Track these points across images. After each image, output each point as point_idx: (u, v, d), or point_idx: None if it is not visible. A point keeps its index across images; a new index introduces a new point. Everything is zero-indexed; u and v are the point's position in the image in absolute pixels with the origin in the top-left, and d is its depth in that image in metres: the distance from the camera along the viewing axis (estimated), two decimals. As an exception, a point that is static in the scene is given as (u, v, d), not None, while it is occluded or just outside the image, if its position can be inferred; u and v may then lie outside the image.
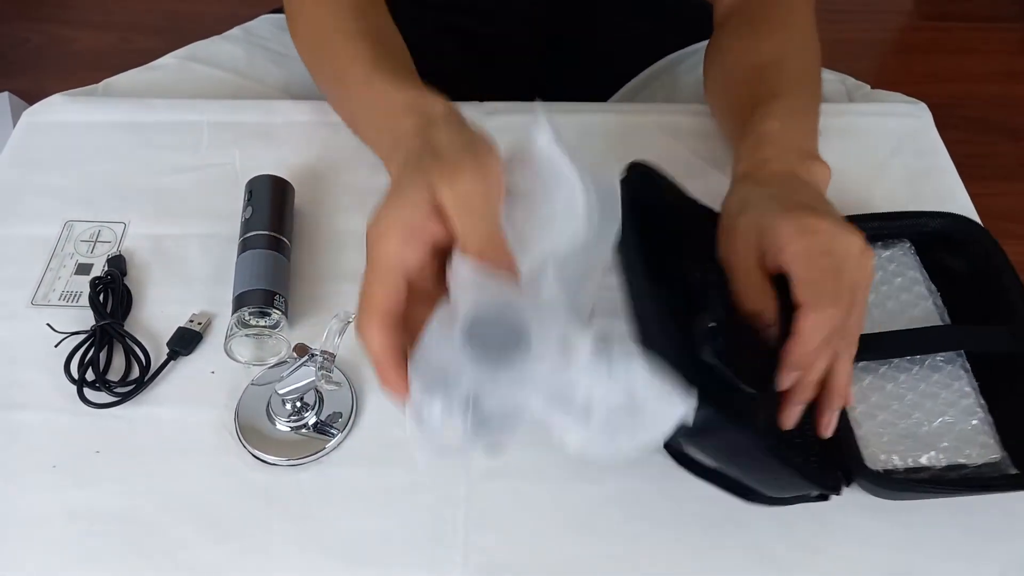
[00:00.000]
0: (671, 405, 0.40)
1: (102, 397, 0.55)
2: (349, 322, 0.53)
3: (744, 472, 0.48)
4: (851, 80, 0.81)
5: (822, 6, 0.67)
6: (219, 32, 0.85)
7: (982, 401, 0.54)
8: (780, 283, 0.49)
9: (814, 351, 0.46)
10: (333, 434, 0.54)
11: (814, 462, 0.50)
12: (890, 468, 0.51)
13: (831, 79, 0.80)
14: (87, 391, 0.55)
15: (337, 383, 0.55)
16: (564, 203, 0.44)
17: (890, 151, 0.72)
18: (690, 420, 0.40)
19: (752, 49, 0.65)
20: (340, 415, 0.55)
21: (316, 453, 0.54)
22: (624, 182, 0.52)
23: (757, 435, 0.44)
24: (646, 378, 0.40)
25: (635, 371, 0.40)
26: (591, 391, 0.39)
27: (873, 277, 0.49)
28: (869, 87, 0.80)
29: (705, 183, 0.61)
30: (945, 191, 0.69)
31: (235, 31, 0.86)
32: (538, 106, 0.44)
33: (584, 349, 0.40)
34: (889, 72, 1.86)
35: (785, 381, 0.47)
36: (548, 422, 0.40)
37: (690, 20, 0.87)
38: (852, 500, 0.50)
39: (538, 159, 0.44)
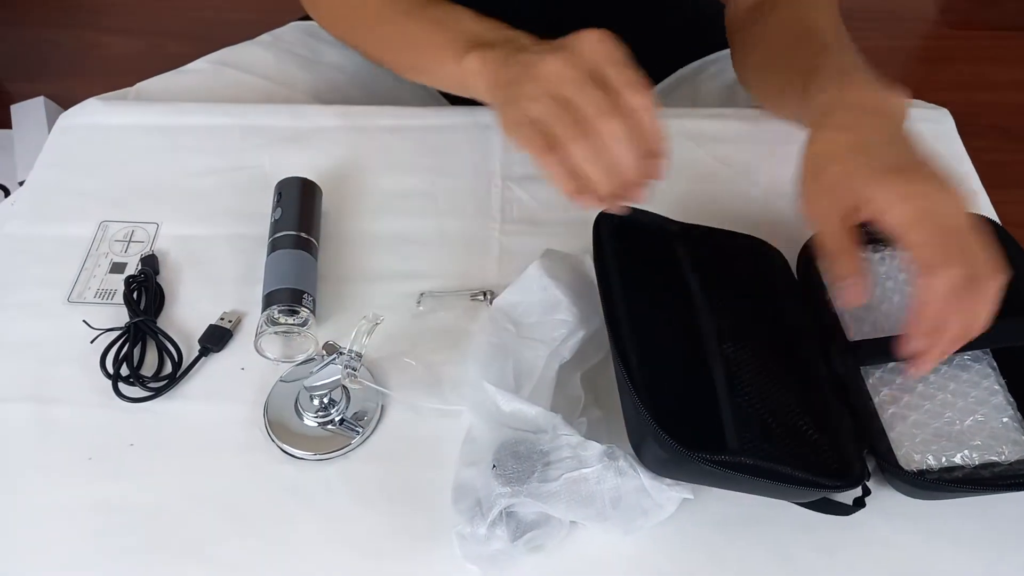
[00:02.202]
0: (672, 492, 0.49)
1: (136, 392, 0.57)
2: (377, 323, 0.54)
3: (740, 488, 0.50)
4: (873, 86, 0.81)
5: (845, 14, 0.67)
6: (247, 38, 0.87)
7: (1011, 398, 0.54)
8: None
9: (944, 308, 0.47)
10: (359, 431, 0.55)
11: (826, 451, 0.50)
12: (924, 468, 0.51)
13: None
14: (121, 386, 0.57)
15: (363, 382, 0.56)
16: (559, 316, 0.55)
17: (912, 157, 0.72)
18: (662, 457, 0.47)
19: (803, 17, 0.65)
20: (366, 413, 0.56)
21: (342, 448, 0.55)
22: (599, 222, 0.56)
23: (726, 461, 0.47)
24: (648, 473, 0.49)
25: (639, 468, 0.49)
26: (604, 488, 0.48)
27: (973, 220, 0.49)
28: (891, 94, 0.80)
29: (727, 188, 0.62)
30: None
31: (264, 37, 0.88)
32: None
33: (593, 454, 0.49)
34: (913, 80, 1.84)
35: (914, 344, 0.48)
36: (573, 518, 0.49)
37: (714, 27, 0.88)
38: (872, 504, 0.51)
39: (535, 284, 0.56)
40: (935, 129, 0.74)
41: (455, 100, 0.85)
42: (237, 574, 0.50)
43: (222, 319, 0.60)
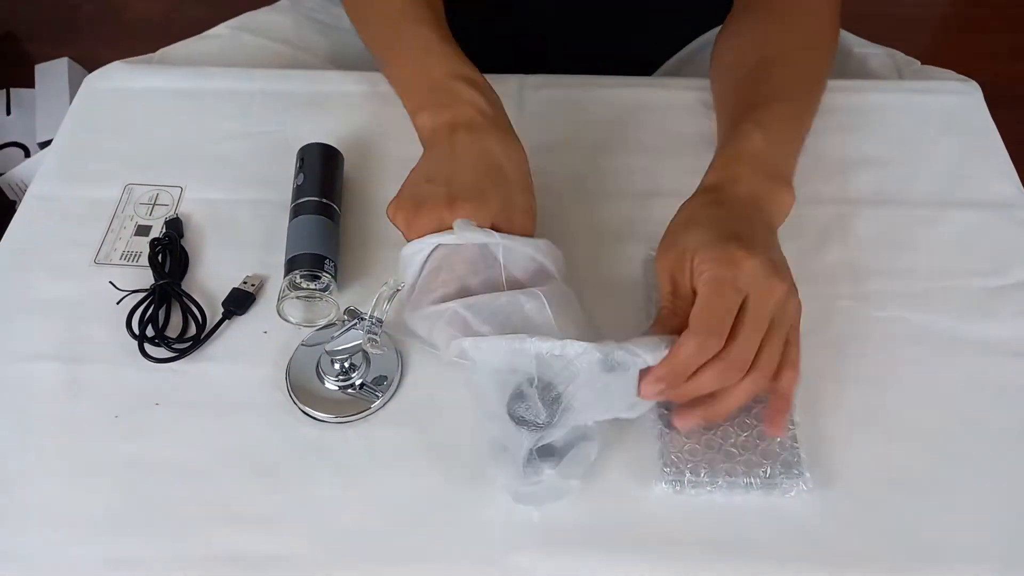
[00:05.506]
0: None
1: (161, 352, 0.58)
2: (398, 290, 0.55)
3: None
4: (900, 55, 0.80)
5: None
6: (266, 3, 0.87)
7: None
8: None
9: (694, 376, 0.48)
10: (379, 395, 0.56)
11: None
12: None
13: (878, 53, 0.79)
14: (147, 346, 0.58)
15: (384, 347, 0.57)
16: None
17: (939, 129, 0.71)
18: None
19: (760, 41, 0.64)
20: (386, 378, 0.57)
21: (362, 412, 0.56)
22: None
23: None
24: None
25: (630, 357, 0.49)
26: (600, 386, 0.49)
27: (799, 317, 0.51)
28: (919, 63, 0.79)
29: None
30: (995, 170, 0.68)
31: (284, 2, 0.88)
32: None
33: (584, 358, 0.48)
34: (946, 49, 1.81)
35: (646, 391, 0.49)
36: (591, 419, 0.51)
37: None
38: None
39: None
40: (962, 101, 0.73)
41: (481, 68, 0.85)
42: (260, 530, 0.51)
43: (245, 283, 0.61)
